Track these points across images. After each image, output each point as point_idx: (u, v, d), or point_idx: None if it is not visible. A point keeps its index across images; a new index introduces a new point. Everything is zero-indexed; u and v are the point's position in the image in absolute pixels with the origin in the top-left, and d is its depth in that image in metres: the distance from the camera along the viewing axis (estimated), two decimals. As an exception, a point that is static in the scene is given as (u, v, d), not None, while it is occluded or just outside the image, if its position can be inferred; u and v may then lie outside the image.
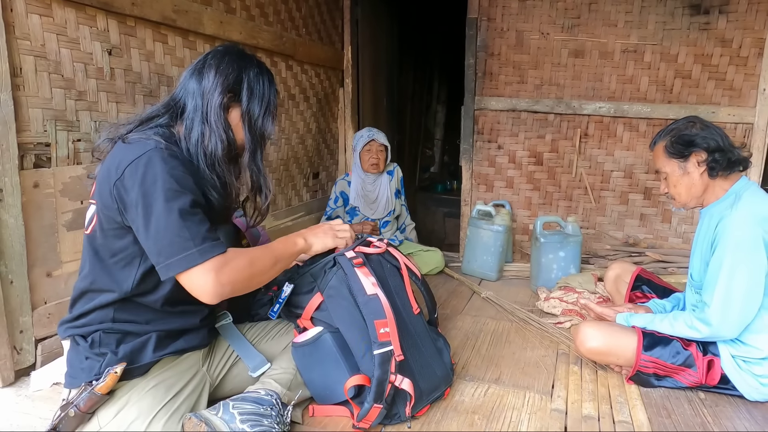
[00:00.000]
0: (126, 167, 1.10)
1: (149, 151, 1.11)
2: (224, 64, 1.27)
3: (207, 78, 1.25)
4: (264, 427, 1.17)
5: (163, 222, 1.08)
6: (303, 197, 3.16)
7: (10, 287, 1.46)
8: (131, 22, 1.80)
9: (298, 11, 2.87)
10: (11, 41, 1.41)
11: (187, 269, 1.08)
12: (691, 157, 1.59)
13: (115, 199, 1.12)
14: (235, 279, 1.13)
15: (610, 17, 2.80)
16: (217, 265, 1.10)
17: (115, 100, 1.76)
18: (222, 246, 1.13)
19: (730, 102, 2.69)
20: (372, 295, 1.37)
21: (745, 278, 1.46)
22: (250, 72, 1.29)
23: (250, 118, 1.29)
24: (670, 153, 1.61)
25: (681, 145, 1.59)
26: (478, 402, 1.53)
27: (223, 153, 1.24)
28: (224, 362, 1.42)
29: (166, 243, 1.08)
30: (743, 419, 1.46)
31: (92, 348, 1.17)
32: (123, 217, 1.13)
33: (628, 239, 2.95)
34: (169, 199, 1.08)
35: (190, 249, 1.07)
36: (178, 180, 1.11)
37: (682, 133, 1.59)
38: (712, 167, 1.57)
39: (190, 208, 1.11)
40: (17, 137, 1.44)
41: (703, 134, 1.57)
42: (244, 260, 1.17)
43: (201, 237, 1.09)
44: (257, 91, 1.29)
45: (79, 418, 1.11)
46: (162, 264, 1.09)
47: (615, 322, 1.71)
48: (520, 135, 3.07)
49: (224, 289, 1.12)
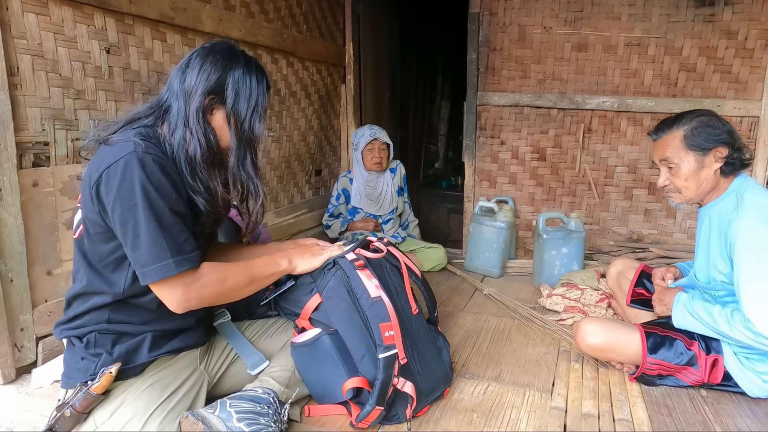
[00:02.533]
0: (104, 171, 1.09)
1: (127, 155, 1.09)
2: (208, 63, 1.21)
3: (190, 77, 1.20)
4: (261, 425, 1.17)
5: (141, 230, 1.08)
6: (305, 194, 3.15)
7: (10, 285, 1.46)
8: (129, 20, 1.79)
9: (299, 7, 2.85)
10: (7, 40, 1.41)
11: (160, 279, 1.10)
12: (712, 150, 1.52)
13: (95, 203, 1.11)
14: (202, 295, 1.17)
15: (613, 10, 2.76)
16: (188, 280, 1.14)
17: (113, 98, 1.76)
18: (195, 260, 1.15)
19: (736, 95, 2.65)
20: (376, 297, 1.36)
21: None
22: (236, 71, 1.22)
23: (236, 120, 1.23)
24: (691, 144, 1.52)
25: (704, 138, 1.51)
26: (477, 400, 1.52)
27: (202, 158, 1.19)
28: (222, 360, 1.42)
29: (143, 251, 1.09)
30: (745, 417, 1.44)
31: (87, 348, 1.17)
32: (104, 219, 1.12)
33: (632, 235, 2.92)
34: (146, 207, 1.07)
35: (166, 260, 1.09)
36: (157, 186, 1.09)
37: (709, 125, 1.51)
38: (728, 165, 1.52)
39: (168, 217, 1.10)
40: (15, 136, 1.44)
41: (729, 130, 1.52)
42: (215, 277, 1.20)
43: (177, 249, 1.11)
44: (243, 92, 1.23)
45: (75, 419, 1.12)
46: (140, 271, 1.11)
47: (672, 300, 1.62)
48: (523, 130, 3.04)
49: (190, 303, 1.16)
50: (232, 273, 1.24)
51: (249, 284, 1.29)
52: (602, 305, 2.18)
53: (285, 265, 1.38)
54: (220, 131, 1.25)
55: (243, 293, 1.29)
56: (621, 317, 2.06)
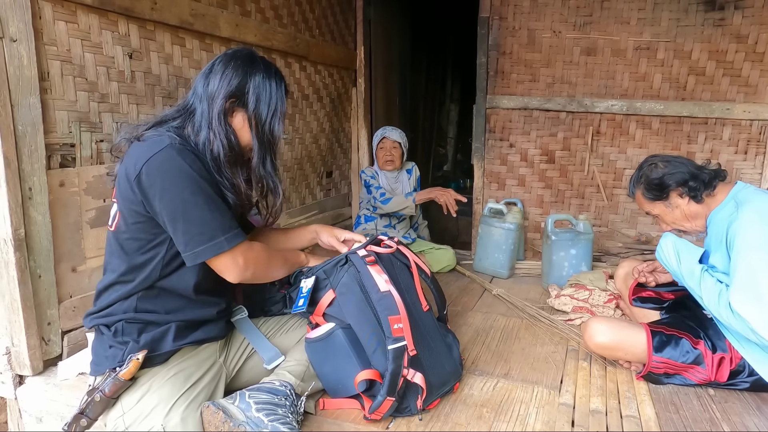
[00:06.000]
0: (144, 163, 1.16)
1: (165, 147, 1.17)
2: (230, 68, 1.29)
3: (213, 82, 1.28)
4: (278, 416, 1.21)
5: (189, 213, 1.16)
6: (316, 196, 3.21)
7: (38, 281, 1.53)
8: (151, 27, 1.86)
9: (312, 12, 2.91)
10: (39, 47, 1.48)
11: (215, 255, 1.21)
12: (671, 194, 1.66)
13: (137, 193, 1.18)
14: (256, 264, 1.30)
15: (622, 15, 2.79)
16: (243, 250, 1.26)
17: (135, 101, 1.83)
18: (243, 234, 1.26)
19: (746, 99, 2.67)
20: (385, 291, 1.40)
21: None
22: (257, 76, 1.30)
23: (257, 123, 1.31)
24: (651, 198, 1.69)
25: (656, 190, 1.67)
26: (486, 396, 1.56)
27: (226, 157, 1.27)
28: (240, 355, 1.47)
29: (195, 233, 1.17)
30: (752, 415, 1.46)
31: (115, 337, 1.23)
32: (146, 208, 1.19)
33: (640, 237, 2.94)
34: (194, 191, 1.16)
35: (218, 237, 1.19)
36: (198, 172, 1.18)
37: (651, 179, 1.67)
38: (693, 195, 1.63)
39: (214, 199, 1.20)
40: (45, 138, 1.51)
41: (669, 171, 1.64)
42: (264, 252, 1.35)
43: (227, 226, 1.22)
44: (264, 96, 1.31)
45: (104, 403, 1.18)
46: (190, 252, 1.18)
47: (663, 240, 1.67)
48: (532, 133, 3.07)
49: (247, 272, 1.28)
50: (273, 253, 1.41)
51: (283, 266, 1.45)
52: (610, 306, 2.21)
53: (302, 258, 1.57)
54: (241, 132, 1.32)
55: (280, 272, 1.45)
56: (629, 317, 2.09)
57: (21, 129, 1.44)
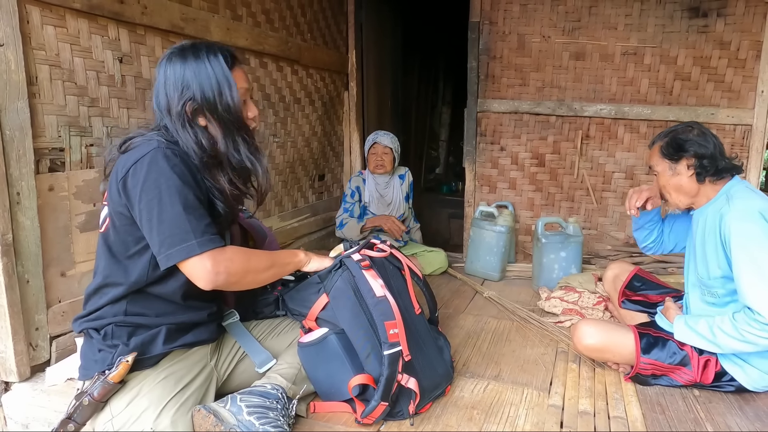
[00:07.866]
0: (131, 166, 1.17)
1: (152, 150, 1.17)
2: (168, 72, 1.24)
3: (160, 94, 1.25)
4: (270, 419, 1.21)
5: (165, 215, 1.15)
6: (309, 199, 3.21)
7: (26, 286, 1.52)
8: (141, 31, 1.86)
9: (303, 17, 2.92)
10: (27, 51, 1.48)
11: (186, 259, 1.16)
12: (681, 160, 1.64)
13: (122, 196, 1.18)
14: (229, 270, 1.21)
15: (610, 20, 2.83)
16: (213, 254, 1.19)
17: (126, 106, 1.83)
18: (220, 241, 1.21)
19: (729, 104, 2.72)
20: (381, 296, 1.41)
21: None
22: (189, 66, 1.23)
23: (210, 109, 1.24)
24: (664, 154, 1.67)
25: (673, 148, 1.65)
26: (477, 398, 1.57)
27: (201, 161, 1.24)
28: (231, 358, 1.47)
29: (167, 234, 1.15)
30: (735, 415, 1.49)
31: (105, 340, 1.23)
32: (131, 212, 1.19)
33: (629, 240, 2.97)
34: (172, 193, 1.15)
35: (190, 240, 1.16)
36: (180, 176, 1.17)
37: (678, 137, 1.65)
38: (699, 172, 1.63)
39: (192, 203, 1.18)
40: (33, 143, 1.51)
41: (697, 140, 1.62)
42: (240, 255, 1.27)
43: (201, 230, 1.17)
44: (204, 79, 1.23)
45: (92, 407, 1.17)
46: (163, 254, 1.16)
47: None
48: (522, 137, 3.10)
49: (219, 278, 1.20)
50: (255, 254, 1.32)
51: (269, 267, 1.36)
52: (599, 308, 2.23)
53: (301, 256, 1.49)
54: (210, 129, 1.27)
55: (264, 277, 1.36)
56: (617, 319, 2.11)
57: (9, 133, 1.43)
